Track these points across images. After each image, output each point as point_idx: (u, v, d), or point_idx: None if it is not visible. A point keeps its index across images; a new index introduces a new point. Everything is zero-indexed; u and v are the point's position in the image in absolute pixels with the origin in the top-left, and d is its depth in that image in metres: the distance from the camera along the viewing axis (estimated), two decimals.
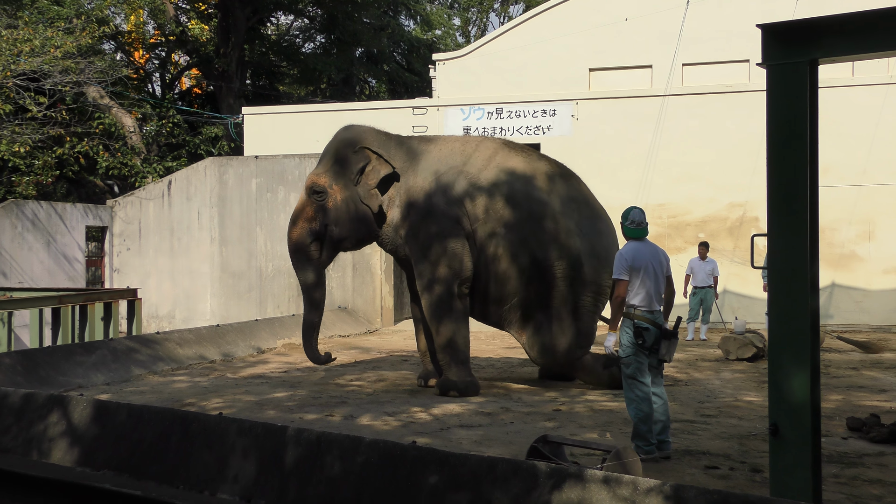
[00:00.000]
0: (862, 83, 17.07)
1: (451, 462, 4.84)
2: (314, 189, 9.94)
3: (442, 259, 9.49)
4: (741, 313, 17.02)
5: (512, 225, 9.56)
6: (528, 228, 9.56)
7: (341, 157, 9.96)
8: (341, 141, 10.08)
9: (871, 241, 17.13)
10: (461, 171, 9.80)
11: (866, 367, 11.63)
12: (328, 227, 9.95)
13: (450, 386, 9.43)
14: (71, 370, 10.07)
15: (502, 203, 9.60)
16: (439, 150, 10.04)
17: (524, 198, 9.65)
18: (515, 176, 9.78)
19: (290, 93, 34.53)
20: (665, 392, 6.86)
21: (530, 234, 9.56)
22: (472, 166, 9.83)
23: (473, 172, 9.78)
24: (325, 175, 9.95)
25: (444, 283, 9.47)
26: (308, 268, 10.10)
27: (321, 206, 9.93)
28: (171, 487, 5.62)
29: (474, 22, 42.47)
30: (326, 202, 9.90)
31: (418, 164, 9.92)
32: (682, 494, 4.14)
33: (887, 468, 6.18)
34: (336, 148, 10.06)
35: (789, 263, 4.78)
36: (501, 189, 9.66)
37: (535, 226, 9.58)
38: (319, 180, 9.94)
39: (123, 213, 19.08)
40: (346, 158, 9.92)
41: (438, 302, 9.50)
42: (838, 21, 4.63)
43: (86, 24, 21.40)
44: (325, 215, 9.92)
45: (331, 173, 9.94)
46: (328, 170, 9.97)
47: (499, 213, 9.59)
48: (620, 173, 17.99)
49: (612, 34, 18.86)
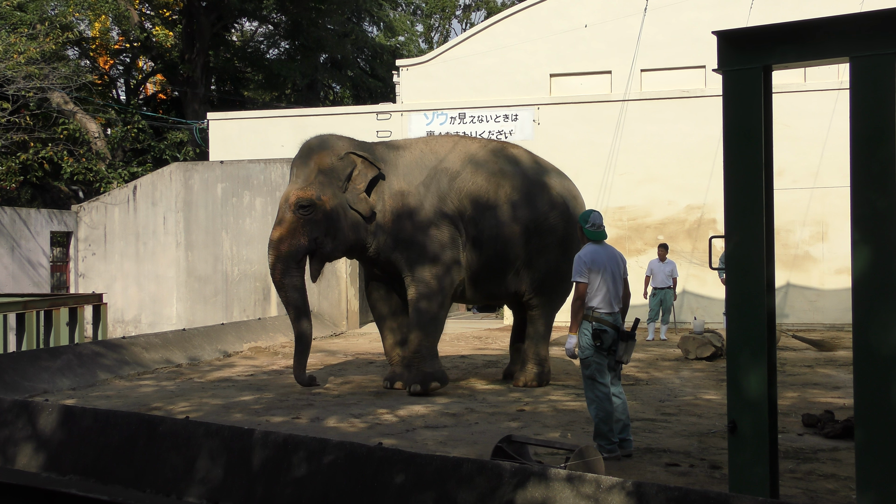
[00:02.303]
0: (814, 89, 17.44)
1: (417, 462, 4.91)
2: (300, 204, 9.59)
3: (440, 265, 9.69)
4: (700, 313, 17.27)
5: (500, 202, 10.08)
6: (517, 199, 10.14)
7: (326, 166, 9.75)
8: (322, 151, 9.86)
9: (824, 241, 17.46)
10: (438, 168, 10.01)
11: (821, 365, 11.86)
12: (318, 240, 9.70)
13: (431, 378, 9.59)
14: (36, 375, 10.02)
15: (484, 184, 10.06)
16: (411, 153, 10.17)
17: (499, 174, 10.20)
18: (485, 159, 10.26)
19: (255, 98, 34.41)
20: (624, 392, 6.98)
21: (520, 202, 10.14)
22: (447, 162, 10.08)
23: (452, 168, 10.05)
24: (311, 187, 9.65)
25: (441, 291, 9.72)
26: (298, 286, 9.85)
27: (309, 220, 9.63)
28: (138, 491, 5.64)
29: (437, 28, 42.60)
30: (315, 215, 9.62)
31: (396, 167, 10.02)
32: (644, 491, 4.24)
33: (841, 463, 6.34)
34: (318, 158, 9.81)
35: (746, 264, 4.91)
36: (479, 175, 10.08)
37: (519, 194, 10.18)
38: (305, 194, 9.62)
39: (88, 219, 18.95)
40: (332, 167, 9.75)
41: (437, 308, 9.74)
42: (791, 28, 4.76)
43: (49, 29, 21.25)
44: (314, 228, 9.65)
45: (316, 185, 9.67)
46: (312, 182, 9.68)
47: (485, 195, 10.02)
48: (581, 177, 18.10)
49: (573, 40, 19.07)
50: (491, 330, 17.48)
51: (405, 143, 10.54)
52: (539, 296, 10.35)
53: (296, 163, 9.96)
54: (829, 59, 4.81)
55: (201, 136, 23.95)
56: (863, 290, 4.56)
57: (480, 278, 10.18)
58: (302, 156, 9.95)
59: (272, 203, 17.81)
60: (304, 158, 9.90)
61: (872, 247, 4.51)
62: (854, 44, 4.56)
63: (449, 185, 9.95)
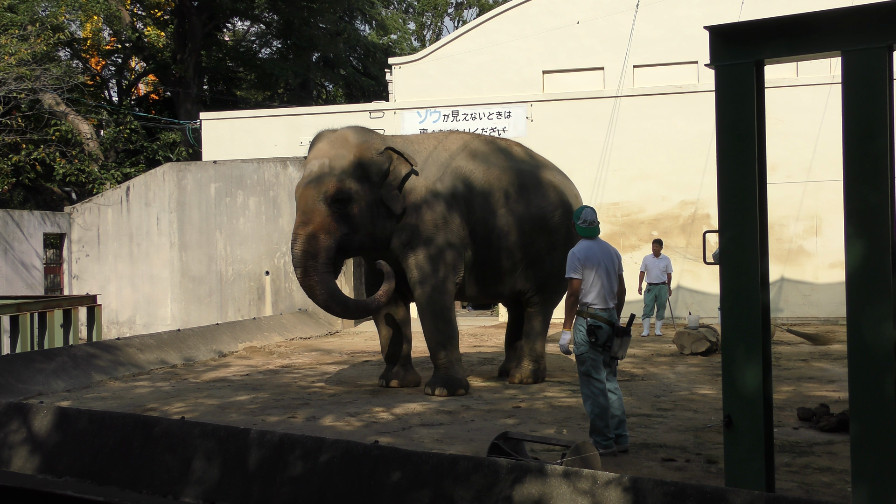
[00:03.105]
0: (806, 83, 17.48)
1: (413, 460, 4.92)
2: (338, 197, 9.14)
3: (449, 266, 9.59)
4: (695, 308, 17.31)
5: (510, 201, 10.05)
6: (526, 197, 10.15)
7: (366, 160, 9.36)
8: (361, 143, 9.44)
9: (817, 236, 17.51)
10: (451, 166, 9.92)
11: (815, 359, 11.89)
12: (347, 236, 9.27)
13: (458, 385, 9.50)
14: (31, 377, 10.00)
15: (495, 182, 10.03)
16: (425, 148, 10.01)
17: (508, 172, 10.19)
18: (493, 157, 10.24)
19: (248, 98, 34.38)
20: (619, 387, 6.99)
21: (529, 201, 10.15)
22: (459, 160, 10.00)
23: (463, 165, 9.97)
24: (349, 180, 9.22)
25: (450, 293, 9.65)
26: (333, 290, 9.24)
27: (343, 215, 9.20)
28: (134, 492, 5.64)
29: (429, 26, 42.58)
30: (350, 209, 9.22)
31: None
32: (640, 486, 4.26)
33: (836, 456, 6.36)
34: (357, 150, 9.38)
35: (740, 259, 4.92)
36: (489, 173, 10.04)
37: (527, 192, 10.17)
38: (344, 186, 9.18)
39: (82, 220, 18.92)
40: (371, 161, 9.38)
41: (449, 309, 9.66)
42: (782, 23, 4.77)
43: (40, 30, 21.20)
44: (347, 223, 9.23)
45: (354, 178, 9.26)
46: (350, 174, 9.26)
47: (495, 194, 10.00)
48: (575, 173, 18.04)
49: (565, 37, 19.08)
50: (486, 327, 17.49)
51: (416, 139, 10.38)
52: (540, 294, 10.35)
53: (325, 152, 9.42)
54: (821, 53, 4.82)
55: (194, 136, 23.93)
56: (856, 283, 4.57)
57: (487, 277, 10.11)
58: (336, 145, 9.46)
59: (266, 203, 17.80)
60: (340, 149, 9.42)
61: (866, 241, 4.52)
62: (846, 38, 4.57)
63: (461, 183, 9.86)
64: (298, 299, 17.38)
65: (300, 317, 16.83)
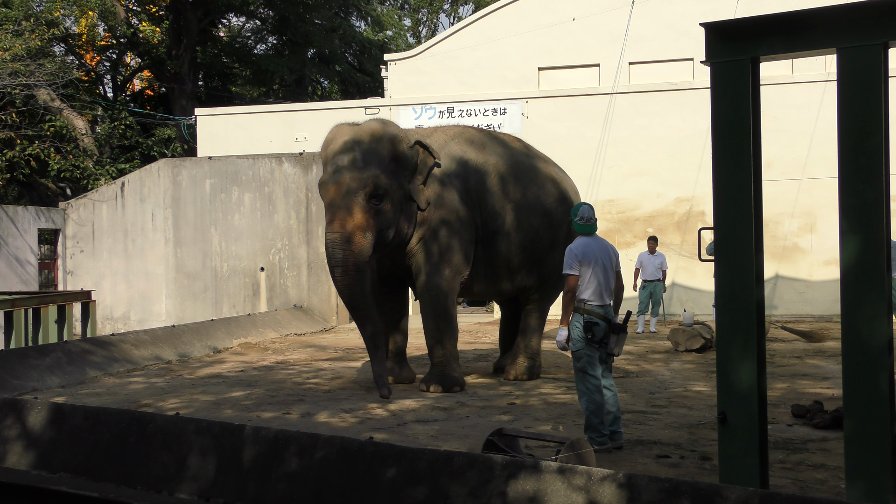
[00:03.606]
0: (801, 80, 17.50)
1: (409, 456, 4.92)
2: (376, 192, 8.84)
3: (455, 265, 9.48)
4: (689, 305, 17.34)
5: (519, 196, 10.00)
6: (534, 193, 10.12)
7: (400, 154, 9.16)
8: (395, 137, 9.22)
9: (812, 233, 17.54)
10: (464, 160, 9.80)
11: (809, 356, 11.91)
12: (381, 234, 8.98)
13: (454, 382, 9.46)
14: (25, 373, 9.99)
15: (506, 177, 9.97)
16: (437, 142, 9.82)
17: (518, 168, 10.16)
18: (500, 151, 10.18)
19: (243, 94, 34.36)
20: (614, 384, 7.00)
21: (537, 197, 10.14)
22: (470, 154, 9.91)
23: (476, 160, 9.87)
24: (384, 175, 8.93)
25: (453, 291, 9.56)
26: (363, 284, 8.94)
27: (378, 211, 8.90)
28: (129, 488, 5.63)
29: (425, 23, 42.57)
30: (385, 205, 8.94)
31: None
32: (635, 483, 4.26)
33: (830, 453, 6.37)
34: (391, 145, 9.15)
35: (735, 256, 4.93)
36: (500, 167, 9.98)
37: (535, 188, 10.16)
38: (382, 182, 8.88)
39: (76, 216, 18.89)
40: (404, 156, 9.19)
41: (451, 308, 9.57)
42: (778, 20, 4.77)
43: (35, 26, 21.15)
44: (381, 221, 8.94)
45: (388, 173, 8.99)
46: (385, 169, 8.98)
47: (506, 189, 9.93)
48: (570, 170, 17.99)
49: (561, 34, 19.09)
50: (481, 324, 17.51)
51: (427, 132, 10.17)
52: (540, 290, 10.35)
53: (356, 145, 9.10)
54: (816, 50, 4.82)
55: (189, 133, 23.89)
56: (851, 280, 4.58)
57: (496, 273, 10.03)
58: (368, 138, 9.16)
59: (261, 199, 17.78)
60: (373, 142, 9.14)
61: (860, 238, 4.53)
62: (841, 35, 4.58)
63: (474, 178, 9.75)
64: (293, 295, 17.38)
65: (295, 313, 16.83)
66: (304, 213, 17.53)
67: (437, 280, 9.41)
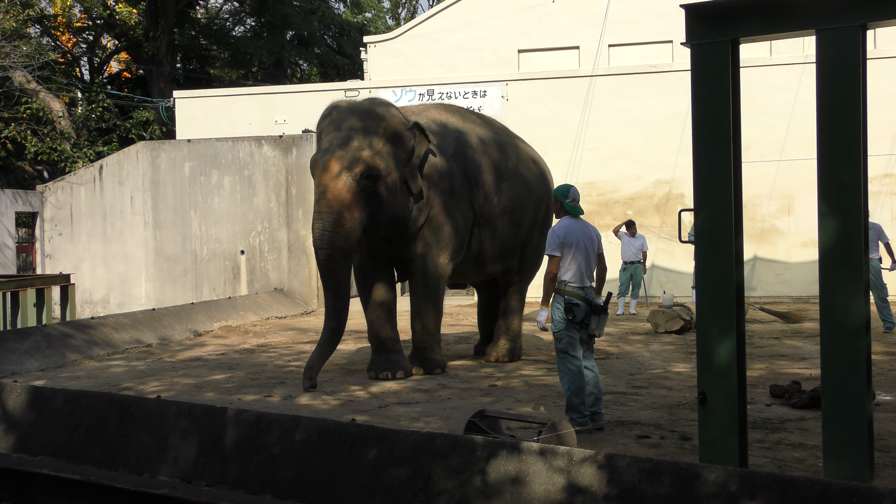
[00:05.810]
0: (780, 62, 17.57)
1: (391, 438, 4.94)
2: (369, 173, 8.44)
3: (450, 251, 9.39)
4: (669, 287, 17.43)
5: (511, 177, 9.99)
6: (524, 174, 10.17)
7: (396, 134, 8.78)
8: (391, 116, 8.86)
9: (790, 215, 17.65)
10: (459, 140, 9.64)
11: (787, 337, 12.01)
12: (373, 217, 8.61)
13: (435, 364, 9.46)
14: (4, 357, 9.93)
15: (498, 159, 9.93)
16: (429, 119, 9.59)
17: (506, 148, 10.18)
18: (488, 133, 10.13)
19: (222, 76, 34.10)
20: (596, 365, 7.03)
21: (526, 178, 10.18)
22: (463, 133, 9.78)
23: (470, 140, 9.75)
24: (379, 156, 8.54)
25: (444, 277, 9.49)
26: (347, 269, 8.70)
27: (371, 193, 8.51)
28: (110, 470, 5.63)
29: (404, 4, 42.39)
30: (377, 188, 8.53)
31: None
32: (615, 463, 4.30)
33: (808, 432, 6.43)
34: (387, 124, 8.75)
35: (715, 238, 4.96)
36: (491, 149, 9.93)
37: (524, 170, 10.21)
38: (375, 162, 8.48)
39: (54, 199, 18.75)
40: (401, 136, 8.82)
41: (441, 295, 9.53)
42: (758, 2, 4.79)
43: (10, 6, 20.91)
44: (372, 203, 8.54)
45: (383, 153, 8.60)
46: (379, 150, 8.59)
47: (500, 170, 9.89)
48: (551, 153, 18.12)
49: (540, 16, 19.08)
50: (462, 306, 17.53)
51: (418, 110, 9.89)
52: (520, 272, 10.37)
53: (352, 123, 8.72)
54: (796, 31, 4.85)
55: (167, 115, 23.73)
56: (829, 262, 4.62)
57: (488, 256, 9.95)
58: (364, 117, 8.79)
59: (240, 181, 17.70)
60: (369, 121, 8.75)
61: (838, 219, 4.57)
62: (820, 16, 4.60)
63: (471, 159, 9.60)
64: (274, 278, 17.35)
65: (276, 296, 16.80)
66: (284, 196, 17.47)
67: (433, 265, 9.30)
